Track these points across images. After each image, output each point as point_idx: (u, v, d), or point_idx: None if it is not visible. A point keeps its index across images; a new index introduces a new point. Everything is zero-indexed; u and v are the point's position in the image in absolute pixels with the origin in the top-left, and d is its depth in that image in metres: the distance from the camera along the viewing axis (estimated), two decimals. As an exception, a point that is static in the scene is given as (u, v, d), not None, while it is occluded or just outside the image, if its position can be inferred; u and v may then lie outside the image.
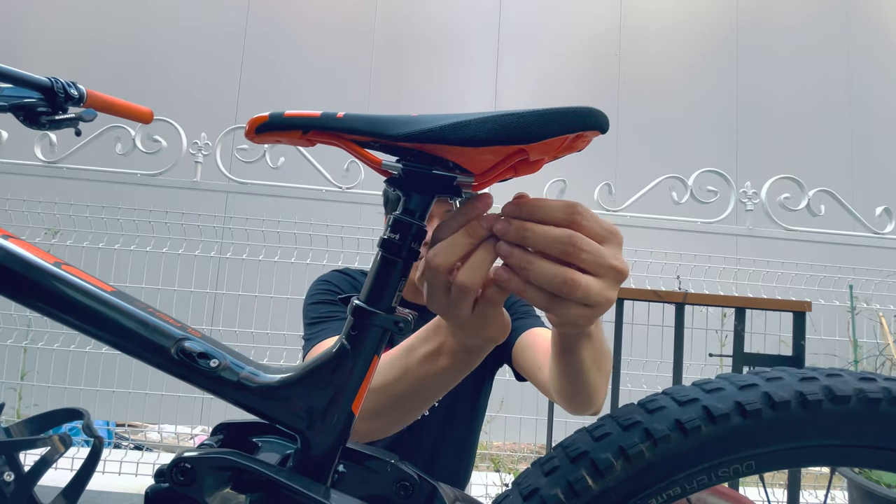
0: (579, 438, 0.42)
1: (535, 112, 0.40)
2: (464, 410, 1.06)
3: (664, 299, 1.78)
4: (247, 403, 0.44)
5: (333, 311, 0.98)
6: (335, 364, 0.44)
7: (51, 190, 2.34)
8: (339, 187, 2.26)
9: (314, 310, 0.99)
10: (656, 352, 2.24)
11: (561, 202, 0.42)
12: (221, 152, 2.22)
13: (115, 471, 2.27)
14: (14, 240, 0.42)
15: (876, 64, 4.01)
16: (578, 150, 0.45)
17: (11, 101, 0.71)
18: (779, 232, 2.31)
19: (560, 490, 0.39)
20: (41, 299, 0.41)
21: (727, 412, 0.39)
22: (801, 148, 3.80)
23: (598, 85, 3.81)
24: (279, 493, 0.40)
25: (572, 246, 0.40)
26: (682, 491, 0.40)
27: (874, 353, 2.77)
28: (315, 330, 0.95)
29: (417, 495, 0.46)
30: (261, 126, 0.43)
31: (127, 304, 0.43)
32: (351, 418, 0.45)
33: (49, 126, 0.76)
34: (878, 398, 0.39)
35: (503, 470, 2.58)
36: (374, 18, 3.73)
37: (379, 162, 0.44)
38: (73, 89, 0.78)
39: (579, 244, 0.40)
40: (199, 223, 2.36)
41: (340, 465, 0.47)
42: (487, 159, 0.43)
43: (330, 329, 0.93)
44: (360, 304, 0.45)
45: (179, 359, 0.42)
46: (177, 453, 0.41)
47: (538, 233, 0.40)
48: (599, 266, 0.41)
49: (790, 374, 0.41)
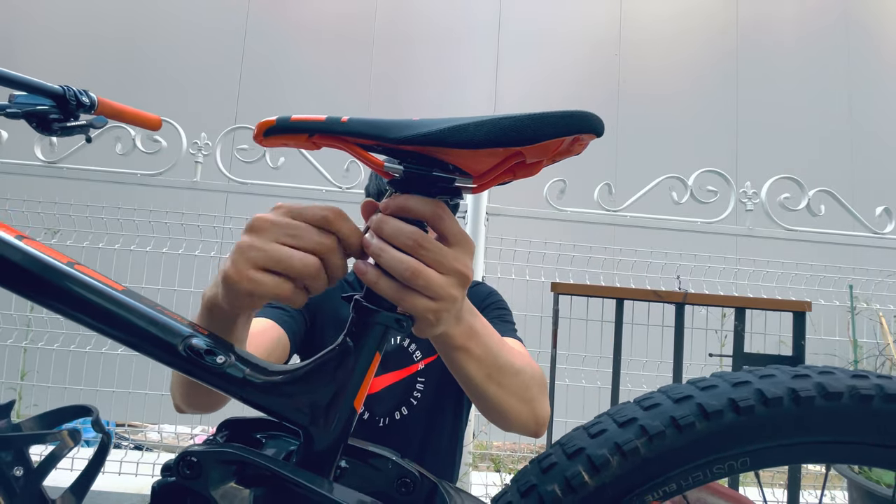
0: (576, 435, 0.43)
1: (530, 115, 0.41)
2: (449, 408, 1.07)
3: (664, 299, 1.78)
4: (252, 399, 0.44)
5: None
6: (338, 361, 0.45)
7: (51, 190, 2.35)
8: (339, 187, 2.27)
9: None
10: (656, 352, 2.24)
11: (431, 202, 0.45)
12: (221, 152, 2.22)
13: (115, 471, 2.26)
14: (29, 241, 0.43)
15: (876, 64, 4.02)
16: (576, 154, 0.46)
17: (25, 108, 0.73)
18: (779, 232, 2.31)
19: (557, 486, 0.40)
20: (58, 299, 0.42)
21: (721, 409, 0.39)
22: (801, 148, 3.80)
23: (598, 85, 3.81)
24: (283, 486, 0.41)
25: (416, 241, 0.44)
26: (677, 487, 0.41)
27: (874, 353, 2.78)
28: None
29: (418, 492, 0.47)
30: (269, 129, 0.45)
31: (137, 303, 0.44)
32: (353, 414, 0.45)
33: (61, 133, 0.78)
34: (870, 395, 0.40)
35: (503, 470, 2.58)
36: (375, 19, 3.74)
37: (381, 164, 0.45)
38: (84, 97, 0.80)
39: (423, 242, 0.44)
40: (199, 223, 2.37)
41: (343, 460, 0.47)
42: (486, 161, 0.44)
43: (265, 311, 0.94)
44: (362, 302, 0.46)
45: (187, 355, 0.43)
46: (182, 449, 0.41)
47: (391, 224, 0.44)
48: (441, 264, 0.44)
49: (783, 371, 0.41)
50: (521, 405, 0.68)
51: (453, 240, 0.46)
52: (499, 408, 0.66)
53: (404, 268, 0.43)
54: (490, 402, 0.65)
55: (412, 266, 0.43)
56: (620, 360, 1.79)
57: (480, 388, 0.63)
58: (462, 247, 0.47)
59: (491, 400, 0.65)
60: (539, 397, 0.71)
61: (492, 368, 0.62)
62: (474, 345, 0.59)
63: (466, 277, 0.47)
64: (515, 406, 0.67)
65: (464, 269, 0.46)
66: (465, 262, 0.46)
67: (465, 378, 0.62)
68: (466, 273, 0.46)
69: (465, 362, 0.60)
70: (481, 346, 0.60)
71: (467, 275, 0.47)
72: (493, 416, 0.69)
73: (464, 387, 0.65)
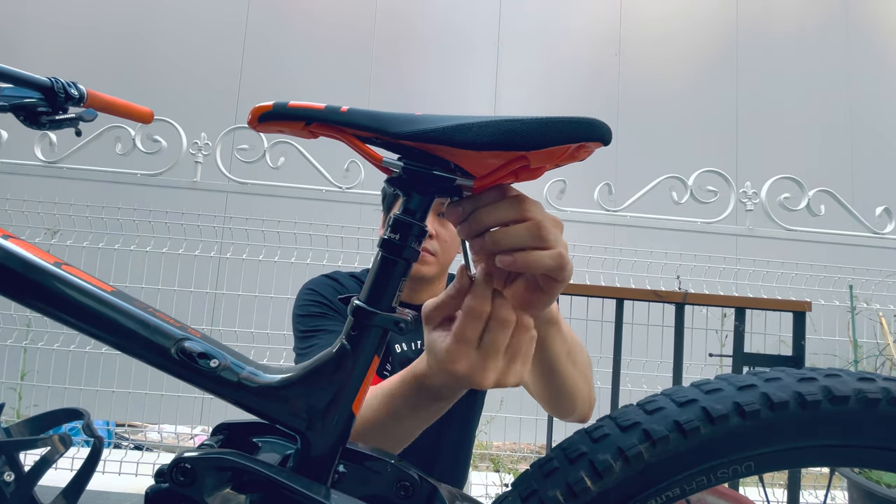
0: (578, 439, 0.42)
1: (538, 119, 0.40)
2: (460, 412, 1.06)
3: (664, 299, 1.77)
4: (247, 403, 0.44)
5: (322, 324, 0.97)
6: (335, 364, 0.44)
7: (51, 190, 2.34)
8: (339, 187, 2.26)
9: (304, 322, 0.98)
10: (656, 352, 2.24)
11: (507, 200, 0.45)
12: (221, 152, 2.22)
13: (115, 471, 2.26)
14: (14, 240, 0.43)
15: (876, 64, 4.01)
16: (580, 160, 0.45)
17: (12, 101, 0.71)
18: (779, 232, 2.31)
19: (559, 492, 0.39)
20: (42, 300, 0.41)
21: (726, 413, 0.39)
22: (801, 148, 3.79)
23: (599, 85, 3.80)
24: (279, 493, 0.40)
25: (533, 235, 0.44)
26: (681, 492, 0.40)
27: (874, 353, 2.77)
28: (307, 345, 0.95)
29: (417, 495, 0.46)
30: (264, 115, 0.43)
31: (127, 304, 0.43)
32: (351, 418, 0.45)
33: (49, 126, 0.76)
34: (877, 398, 0.39)
35: (503, 470, 2.58)
36: (375, 18, 3.73)
37: (380, 159, 0.44)
38: (73, 89, 0.78)
39: (538, 233, 0.45)
40: (199, 223, 2.36)
41: (341, 465, 0.47)
42: (488, 163, 0.43)
43: (320, 346, 0.93)
44: (361, 305, 0.45)
45: (180, 359, 0.42)
46: (177, 453, 0.41)
47: (512, 232, 0.44)
48: (558, 241, 0.46)
49: (789, 374, 0.41)
50: (586, 386, 0.72)
51: (534, 216, 0.47)
52: (572, 388, 0.69)
53: (556, 264, 0.44)
54: (566, 382, 0.67)
55: (557, 254, 0.44)
56: (620, 360, 1.78)
57: (561, 366, 0.65)
58: (544, 215, 0.48)
59: (567, 379, 0.67)
60: (591, 379, 0.75)
61: (570, 345, 0.65)
62: (560, 320, 0.62)
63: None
64: (583, 387, 0.71)
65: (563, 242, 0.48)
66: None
67: (552, 357, 0.64)
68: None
69: (554, 338, 0.62)
70: (563, 322, 0.64)
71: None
72: (562, 400, 0.71)
73: (544, 370, 0.66)
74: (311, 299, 1.01)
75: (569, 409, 0.72)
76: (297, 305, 1.02)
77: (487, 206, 0.45)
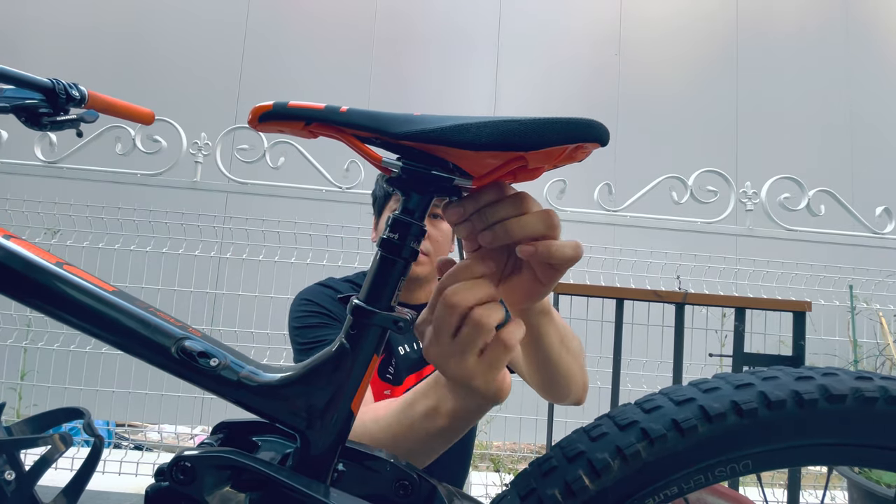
0: (577, 438, 0.42)
1: (536, 120, 0.40)
2: None
3: (664, 299, 1.77)
4: (247, 402, 0.44)
5: (322, 334, 0.95)
6: (335, 363, 0.45)
7: (51, 190, 2.34)
8: (339, 187, 2.26)
9: (303, 335, 0.96)
10: (656, 352, 2.24)
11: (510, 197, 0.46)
12: (221, 152, 2.22)
13: (115, 471, 2.26)
14: (16, 240, 0.43)
15: (876, 63, 4.01)
16: (578, 161, 0.46)
17: (13, 102, 0.71)
18: (779, 232, 2.31)
19: (557, 490, 0.39)
20: (43, 299, 0.42)
21: (723, 411, 0.39)
22: (801, 148, 3.79)
23: (598, 85, 3.80)
24: (279, 491, 0.41)
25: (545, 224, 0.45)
26: (679, 490, 0.40)
27: (874, 353, 2.77)
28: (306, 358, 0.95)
29: (416, 495, 0.46)
30: (264, 114, 0.43)
31: (128, 304, 0.43)
32: (350, 417, 0.45)
33: (50, 127, 0.76)
34: (874, 397, 0.39)
35: (503, 470, 2.58)
36: (375, 18, 3.74)
37: (379, 159, 0.44)
38: (74, 90, 0.78)
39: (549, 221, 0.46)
40: (199, 223, 2.36)
41: (340, 463, 0.47)
42: (487, 163, 0.43)
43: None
44: (360, 304, 0.45)
45: (180, 358, 0.42)
46: (177, 452, 0.41)
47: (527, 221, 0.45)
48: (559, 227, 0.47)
49: (786, 373, 0.41)
50: (580, 371, 0.73)
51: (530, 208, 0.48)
52: (567, 374, 0.70)
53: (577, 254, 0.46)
54: (560, 369, 0.69)
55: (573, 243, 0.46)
56: (620, 360, 1.78)
57: (555, 354, 0.66)
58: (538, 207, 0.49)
59: (562, 366, 0.69)
60: (584, 362, 0.77)
61: (563, 332, 0.67)
62: (552, 310, 0.64)
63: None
64: (577, 372, 0.72)
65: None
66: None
67: (546, 346, 0.65)
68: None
69: (548, 327, 0.63)
70: (555, 311, 0.65)
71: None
72: (558, 386, 0.73)
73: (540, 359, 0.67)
74: (308, 310, 0.99)
75: (564, 393, 0.74)
76: (294, 318, 0.99)
77: (493, 204, 0.45)
